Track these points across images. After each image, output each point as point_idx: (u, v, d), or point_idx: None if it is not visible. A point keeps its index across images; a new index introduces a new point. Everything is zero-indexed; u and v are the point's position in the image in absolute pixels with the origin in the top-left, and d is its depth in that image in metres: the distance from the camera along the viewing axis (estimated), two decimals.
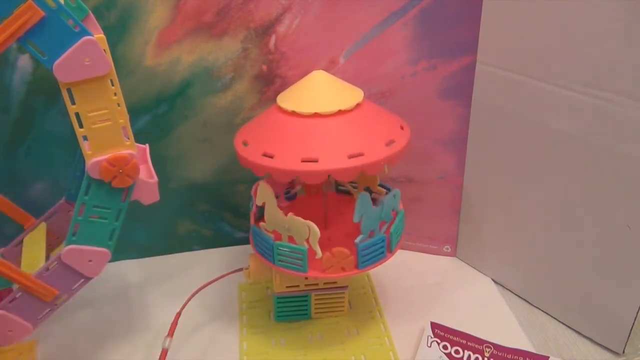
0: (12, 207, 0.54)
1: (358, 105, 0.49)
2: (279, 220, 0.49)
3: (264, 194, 0.49)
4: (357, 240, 0.48)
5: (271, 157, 0.46)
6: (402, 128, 0.50)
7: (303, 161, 0.45)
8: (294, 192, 0.60)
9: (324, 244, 0.49)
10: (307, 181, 0.46)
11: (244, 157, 0.48)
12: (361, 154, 0.46)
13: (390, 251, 0.51)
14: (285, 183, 0.58)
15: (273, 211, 0.49)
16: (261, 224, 0.50)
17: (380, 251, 0.50)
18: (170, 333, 0.51)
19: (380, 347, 0.54)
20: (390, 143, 0.47)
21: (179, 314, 0.52)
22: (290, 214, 0.48)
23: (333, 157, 0.45)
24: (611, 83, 0.45)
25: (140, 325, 0.58)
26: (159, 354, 0.49)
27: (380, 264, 0.50)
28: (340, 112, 0.47)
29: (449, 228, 0.66)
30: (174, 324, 0.51)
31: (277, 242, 0.49)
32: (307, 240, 0.48)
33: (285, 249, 0.49)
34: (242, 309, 0.60)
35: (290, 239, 0.49)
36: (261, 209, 0.51)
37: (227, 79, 0.59)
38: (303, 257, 0.48)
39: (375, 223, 0.49)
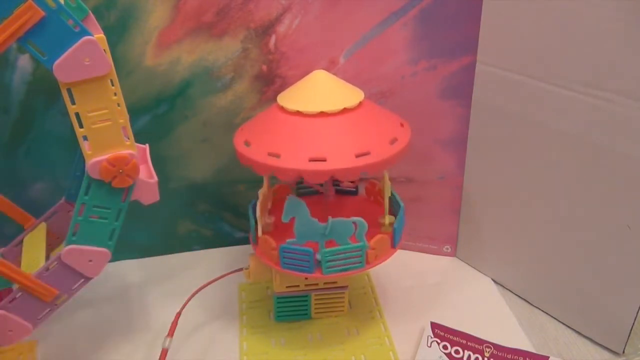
0: (12, 207, 0.54)
1: (361, 103, 0.49)
2: (316, 229, 0.48)
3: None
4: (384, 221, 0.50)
5: (277, 156, 0.46)
6: (402, 125, 0.50)
7: (310, 160, 0.45)
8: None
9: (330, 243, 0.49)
10: (313, 180, 0.46)
11: (248, 157, 0.48)
12: (367, 153, 0.46)
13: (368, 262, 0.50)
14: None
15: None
16: (289, 240, 0.49)
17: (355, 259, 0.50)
18: (170, 333, 0.51)
19: (380, 347, 0.54)
20: (393, 141, 0.47)
21: (179, 314, 0.52)
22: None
23: (340, 156, 0.45)
24: (611, 83, 0.45)
25: (140, 325, 0.58)
26: (159, 354, 0.49)
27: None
28: (345, 111, 0.47)
29: (449, 228, 0.66)
30: (174, 324, 0.51)
31: (328, 249, 0.48)
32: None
33: (337, 254, 0.48)
34: (242, 309, 0.60)
35: (328, 243, 0.49)
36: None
37: (227, 79, 0.59)
38: (362, 253, 0.48)
39: (310, 232, 0.49)
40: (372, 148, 0.46)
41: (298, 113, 0.48)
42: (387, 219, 0.53)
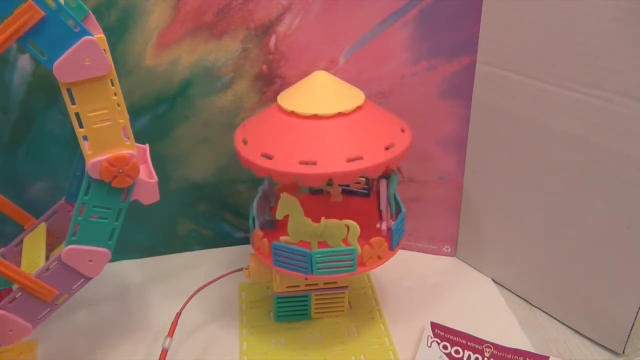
0: (12, 207, 0.54)
1: (359, 107, 0.48)
2: (310, 229, 0.48)
3: (287, 205, 0.48)
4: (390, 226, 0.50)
5: (270, 158, 0.46)
6: (403, 131, 0.50)
7: (301, 163, 0.45)
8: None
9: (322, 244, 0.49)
10: (305, 184, 0.46)
11: (243, 156, 0.48)
12: (360, 158, 0.45)
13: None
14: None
15: (301, 221, 0.48)
16: (283, 238, 0.49)
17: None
18: (171, 333, 0.50)
19: (380, 347, 0.54)
20: (390, 147, 0.47)
21: (179, 314, 0.52)
22: (323, 218, 0.48)
23: (332, 160, 0.45)
24: (611, 83, 0.45)
25: (140, 325, 0.58)
26: (159, 354, 0.49)
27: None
28: (339, 115, 0.47)
29: (449, 228, 0.66)
30: (174, 324, 0.51)
31: (318, 250, 0.48)
32: (344, 240, 0.48)
33: (328, 255, 0.48)
34: (242, 309, 0.60)
35: (321, 244, 0.49)
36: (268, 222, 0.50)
37: (227, 79, 0.59)
38: (353, 257, 0.48)
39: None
40: (365, 153, 0.46)
41: (293, 113, 0.47)
42: (384, 224, 0.52)
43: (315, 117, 0.47)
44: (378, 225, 0.52)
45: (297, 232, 0.49)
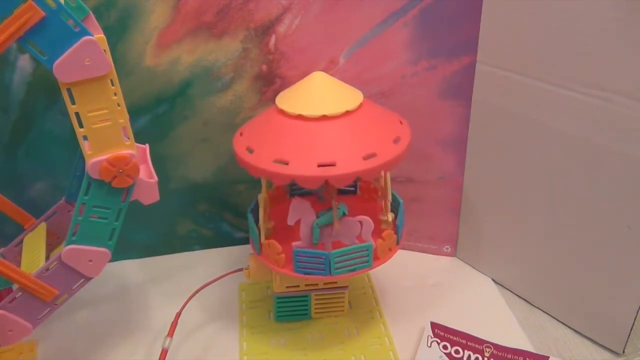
0: (12, 207, 0.54)
1: (361, 105, 0.49)
2: (324, 230, 0.48)
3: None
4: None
5: (286, 163, 0.45)
6: (401, 123, 0.50)
7: (319, 166, 0.45)
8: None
9: (337, 244, 0.50)
10: (311, 187, 0.46)
11: (254, 166, 0.46)
12: (374, 154, 0.45)
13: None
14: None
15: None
16: (295, 243, 0.49)
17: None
18: (170, 333, 0.51)
19: (380, 347, 0.54)
20: (397, 140, 0.47)
21: (178, 314, 0.52)
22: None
23: (349, 159, 0.45)
24: (611, 83, 0.45)
25: (140, 325, 0.58)
26: (159, 354, 0.49)
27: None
28: (347, 113, 0.47)
29: (449, 228, 0.66)
30: (174, 324, 0.51)
31: (336, 250, 0.48)
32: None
33: (346, 255, 0.48)
34: (242, 309, 0.60)
35: (335, 244, 0.49)
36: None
37: (227, 79, 0.59)
38: (369, 252, 0.48)
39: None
40: (378, 149, 0.46)
41: (300, 117, 0.47)
42: (389, 216, 0.53)
43: (324, 117, 0.46)
44: (384, 218, 0.53)
45: (311, 235, 0.49)
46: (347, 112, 0.47)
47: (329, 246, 0.49)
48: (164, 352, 0.49)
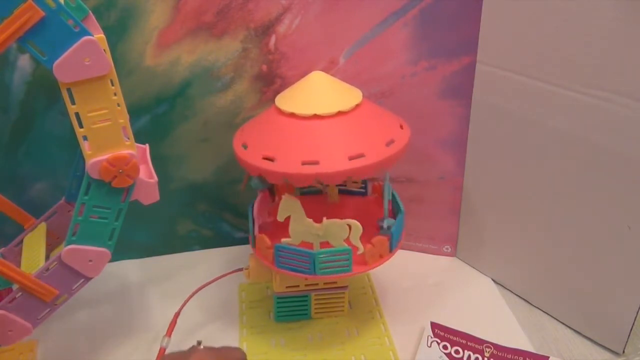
0: (12, 207, 0.54)
1: (357, 106, 0.48)
2: (311, 229, 0.48)
3: (288, 207, 0.48)
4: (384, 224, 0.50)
5: (271, 160, 0.46)
6: (401, 127, 0.50)
7: (303, 164, 0.45)
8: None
9: (325, 245, 0.49)
10: (303, 184, 0.46)
11: (244, 160, 0.48)
12: (362, 155, 0.46)
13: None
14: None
15: (303, 222, 0.48)
16: (284, 240, 0.49)
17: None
18: (169, 333, 0.51)
19: (380, 347, 0.54)
20: (390, 143, 0.47)
21: (177, 314, 0.52)
22: (324, 219, 0.48)
23: (333, 159, 0.45)
24: (611, 83, 0.45)
25: (140, 325, 0.58)
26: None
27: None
28: (339, 114, 0.47)
29: (449, 228, 0.66)
30: (173, 323, 0.51)
31: (320, 250, 0.48)
32: (346, 240, 0.48)
33: (328, 255, 0.48)
34: (242, 309, 0.60)
35: (323, 244, 0.49)
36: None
37: (227, 79, 0.59)
38: (349, 256, 0.48)
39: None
40: (367, 150, 0.46)
41: (292, 115, 0.47)
42: (386, 222, 0.53)
43: (315, 117, 0.47)
44: (381, 223, 0.53)
45: (299, 233, 0.49)
46: (340, 113, 0.47)
47: (317, 245, 0.49)
48: (162, 351, 0.49)
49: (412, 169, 0.63)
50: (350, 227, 0.48)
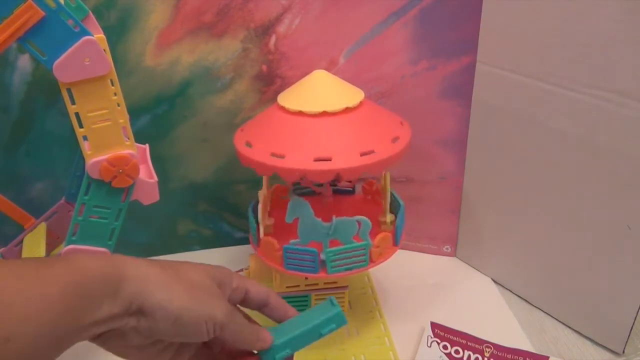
0: (12, 207, 0.53)
1: (362, 102, 0.49)
2: (320, 228, 0.48)
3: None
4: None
5: (282, 157, 0.46)
6: (401, 124, 0.51)
7: (315, 160, 0.45)
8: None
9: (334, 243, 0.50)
10: (319, 180, 0.46)
11: (250, 158, 0.47)
12: (372, 151, 0.46)
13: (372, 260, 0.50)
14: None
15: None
16: (293, 241, 0.49)
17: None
18: None
19: (380, 347, 0.54)
20: (395, 139, 0.47)
21: None
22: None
23: (345, 155, 0.45)
24: (611, 83, 0.45)
25: None
26: None
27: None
28: (347, 110, 0.47)
29: (449, 228, 0.66)
30: None
31: (332, 249, 0.48)
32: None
33: (344, 253, 0.48)
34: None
35: (332, 243, 0.49)
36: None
37: (227, 79, 0.59)
38: (366, 251, 0.49)
39: (314, 233, 0.49)
40: (376, 146, 0.46)
41: (300, 113, 0.47)
42: (388, 217, 0.53)
43: (325, 114, 0.47)
44: (383, 219, 0.53)
45: (308, 234, 0.49)
46: (347, 109, 0.47)
47: (326, 244, 0.49)
48: None
49: (412, 169, 0.63)
50: (359, 223, 0.48)
